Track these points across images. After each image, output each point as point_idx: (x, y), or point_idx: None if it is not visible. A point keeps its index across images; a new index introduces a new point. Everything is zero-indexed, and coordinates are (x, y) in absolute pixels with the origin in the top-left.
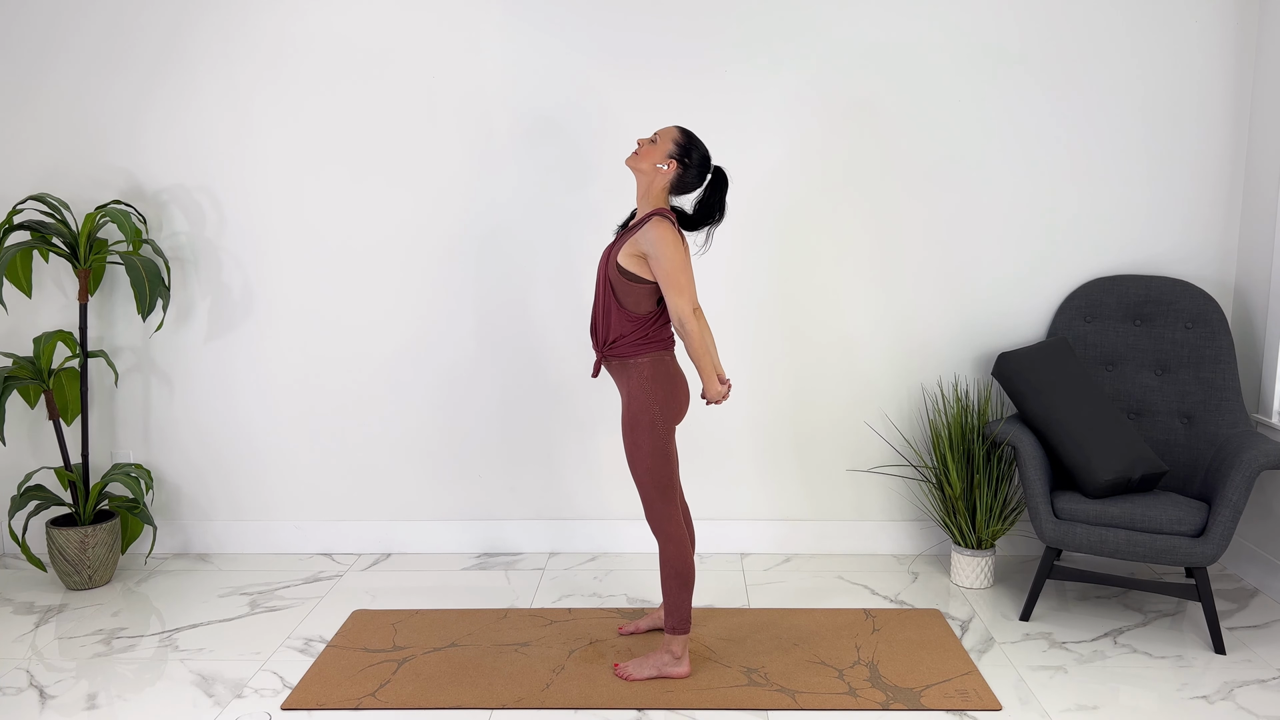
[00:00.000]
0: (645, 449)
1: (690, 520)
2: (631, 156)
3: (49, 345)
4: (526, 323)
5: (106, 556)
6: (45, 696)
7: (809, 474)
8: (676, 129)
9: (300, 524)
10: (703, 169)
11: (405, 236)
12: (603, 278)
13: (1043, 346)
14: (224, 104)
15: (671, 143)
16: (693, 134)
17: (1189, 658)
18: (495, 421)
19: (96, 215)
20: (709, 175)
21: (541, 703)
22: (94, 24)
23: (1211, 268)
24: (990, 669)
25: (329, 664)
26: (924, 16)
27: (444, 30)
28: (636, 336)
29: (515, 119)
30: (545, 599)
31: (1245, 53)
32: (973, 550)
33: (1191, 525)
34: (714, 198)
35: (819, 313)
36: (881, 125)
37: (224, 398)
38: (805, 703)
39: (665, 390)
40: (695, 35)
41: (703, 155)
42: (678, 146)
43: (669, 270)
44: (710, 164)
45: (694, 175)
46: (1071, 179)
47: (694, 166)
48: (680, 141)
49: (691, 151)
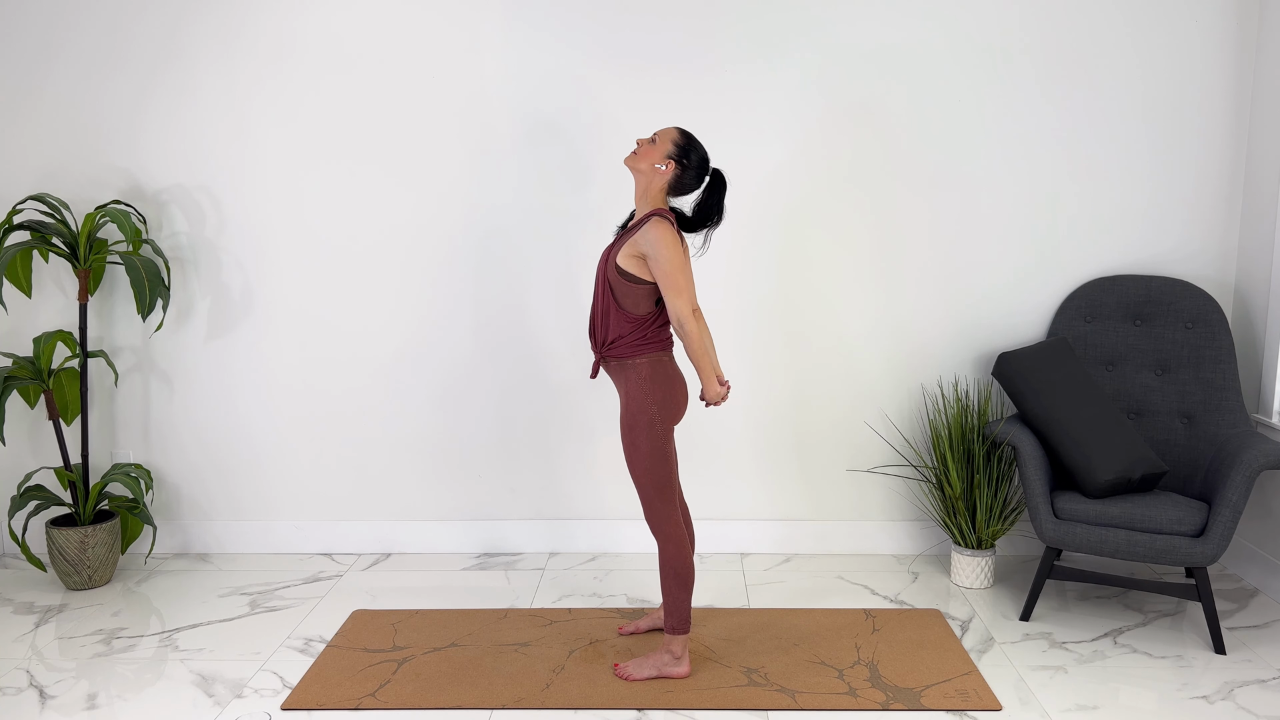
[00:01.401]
0: (643, 449)
1: (690, 520)
2: (630, 156)
3: (49, 345)
4: (527, 323)
5: (106, 556)
6: (45, 696)
7: (809, 474)
8: (675, 130)
9: (300, 524)
10: (701, 170)
11: (405, 236)
12: (601, 278)
13: (1043, 346)
14: (224, 104)
15: (670, 143)
16: (692, 135)
17: (1189, 658)
18: (495, 421)
19: (96, 215)
20: (707, 177)
21: (541, 703)
22: (93, 24)
23: (1211, 268)
24: (990, 669)
25: (329, 664)
26: (924, 17)
27: (444, 30)
28: (635, 337)
29: (515, 120)
30: (545, 599)
31: (1245, 53)
32: (973, 550)
33: (1191, 525)
34: (712, 200)
35: (819, 312)
36: (882, 125)
37: (224, 398)
38: (805, 703)
39: (663, 391)
40: (696, 35)
41: (701, 157)
42: (676, 147)
43: (668, 271)
44: (709, 166)
45: (692, 176)
46: (1071, 179)
47: (692, 168)
48: (679, 142)
49: (690, 153)
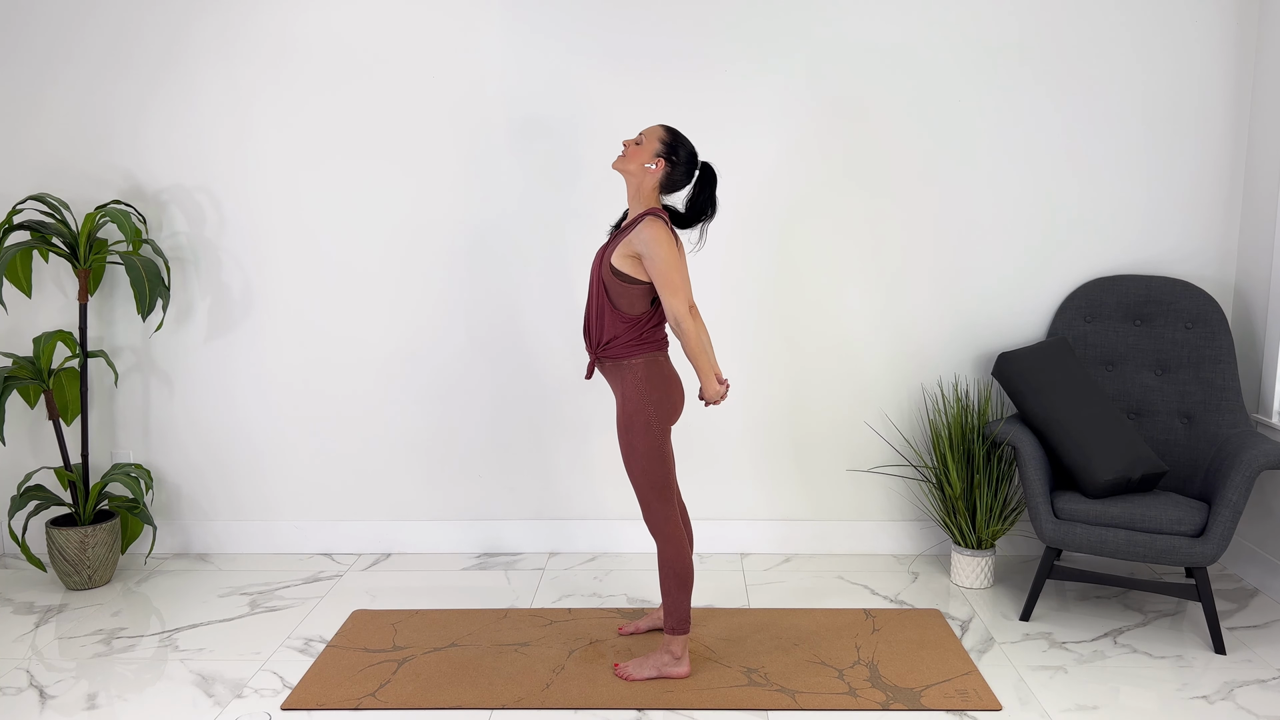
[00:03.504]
0: (640, 450)
1: (688, 521)
2: (619, 159)
3: (49, 345)
4: (527, 322)
5: (106, 556)
6: (45, 696)
7: (809, 474)
8: (661, 128)
9: (300, 524)
10: (690, 165)
11: (405, 236)
12: (596, 279)
13: (1043, 346)
14: (224, 104)
15: (658, 141)
16: (678, 131)
17: (1189, 658)
18: (495, 421)
19: (96, 215)
20: (697, 171)
21: (541, 703)
22: (96, 25)
23: (1211, 268)
24: (990, 669)
25: (329, 664)
26: (924, 17)
27: (444, 31)
28: (630, 338)
29: (514, 120)
30: (545, 599)
31: (1245, 53)
32: (973, 550)
33: (1191, 525)
34: (704, 194)
35: (818, 313)
36: (881, 125)
37: (224, 397)
38: (805, 703)
39: (660, 391)
40: (693, 35)
41: (689, 152)
42: (664, 145)
43: (663, 270)
44: (698, 160)
45: (682, 172)
46: (1071, 179)
47: (681, 164)
48: (666, 139)
49: (678, 149)
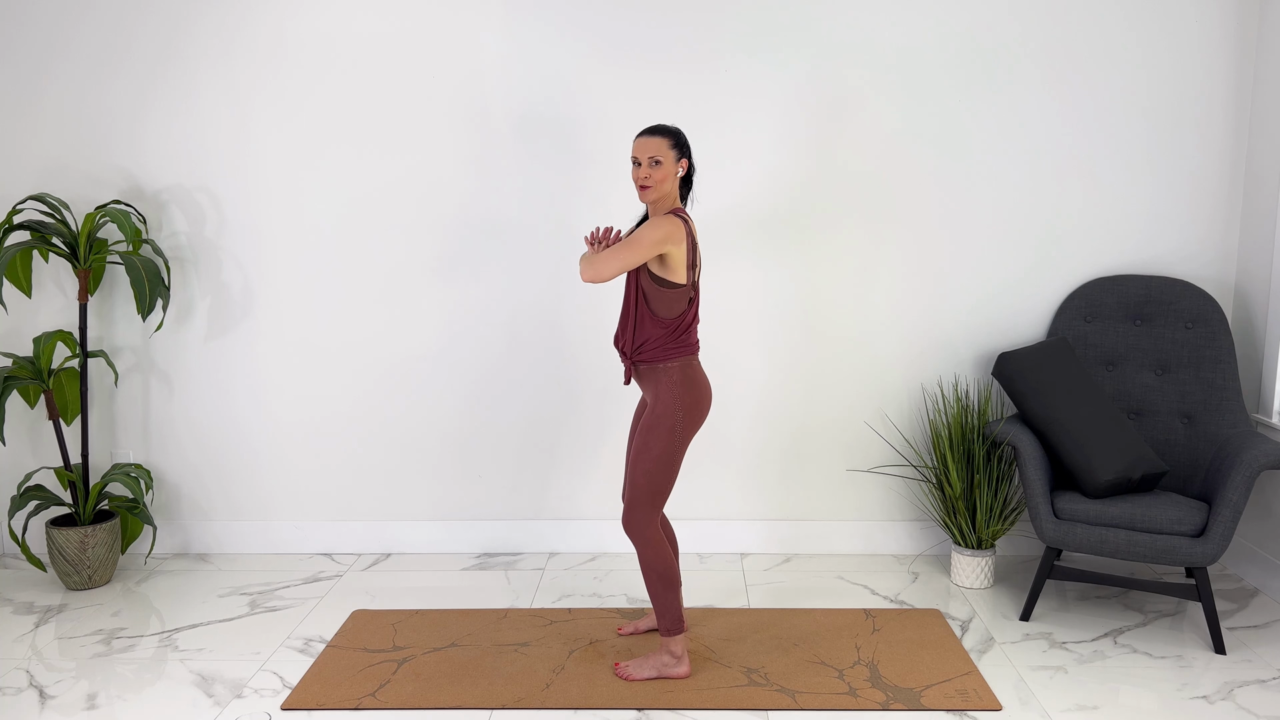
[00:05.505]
0: (654, 453)
1: (670, 527)
2: (648, 192)
3: (49, 345)
4: (525, 322)
5: (106, 556)
6: (45, 696)
7: (809, 474)
8: (659, 134)
9: (300, 524)
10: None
11: (405, 235)
12: (633, 287)
13: (1043, 346)
14: (223, 103)
15: (668, 148)
16: (667, 125)
17: (1189, 658)
18: (495, 421)
19: (96, 215)
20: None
21: (541, 703)
22: (94, 24)
23: (1211, 268)
24: (990, 669)
25: (329, 664)
26: (926, 17)
27: (444, 28)
28: (663, 341)
29: (516, 119)
30: (545, 599)
31: (1246, 53)
32: (973, 550)
33: (1191, 525)
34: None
35: (818, 313)
36: (881, 124)
37: (224, 397)
38: (805, 703)
39: (693, 396)
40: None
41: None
42: (676, 146)
43: (636, 238)
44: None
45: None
46: (1072, 179)
47: (689, 150)
48: (673, 141)
49: (683, 139)
